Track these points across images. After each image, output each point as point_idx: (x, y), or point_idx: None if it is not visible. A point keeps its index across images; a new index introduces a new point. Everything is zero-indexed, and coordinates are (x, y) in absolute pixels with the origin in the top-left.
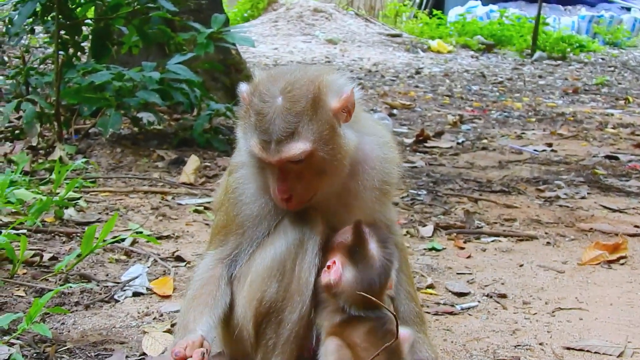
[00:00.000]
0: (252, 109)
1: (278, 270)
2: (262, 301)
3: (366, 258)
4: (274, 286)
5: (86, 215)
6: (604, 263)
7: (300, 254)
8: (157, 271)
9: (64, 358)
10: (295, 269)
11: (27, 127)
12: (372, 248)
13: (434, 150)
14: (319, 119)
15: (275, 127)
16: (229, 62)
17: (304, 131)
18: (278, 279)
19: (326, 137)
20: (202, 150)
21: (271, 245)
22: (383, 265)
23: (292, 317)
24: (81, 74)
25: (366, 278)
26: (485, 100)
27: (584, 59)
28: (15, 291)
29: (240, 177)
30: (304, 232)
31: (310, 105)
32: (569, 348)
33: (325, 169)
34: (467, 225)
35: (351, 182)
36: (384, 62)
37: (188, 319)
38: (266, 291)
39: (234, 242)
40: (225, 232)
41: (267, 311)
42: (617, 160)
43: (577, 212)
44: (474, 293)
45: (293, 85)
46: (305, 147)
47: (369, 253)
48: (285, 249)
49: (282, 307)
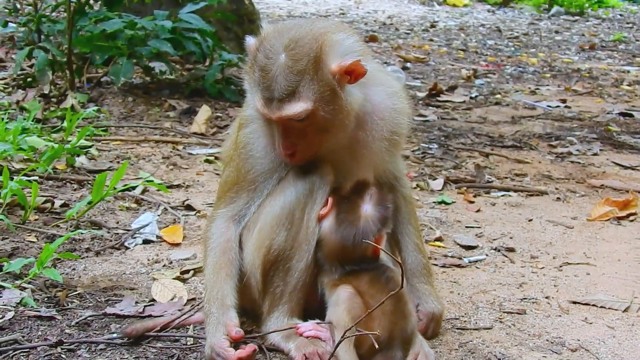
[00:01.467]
0: (257, 65)
1: (287, 219)
2: (271, 249)
3: (354, 216)
4: (282, 234)
5: (97, 163)
6: (613, 219)
7: (310, 203)
8: (167, 219)
9: (75, 303)
10: (304, 218)
11: (39, 74)
12: (364, 209)
13: (446, 105)
14: (320, 79)
15: (277, 85)
16: (241, 12)
17: (305, 90)
18: (287, 228)
19: (327, 98)
20: (214, 100)
21: (281, 195)
22: (366, 229)
23: (299, 265)
24: (93, 22)
25: (343, 233)
26: (500, 55)
27: (602, 14)
28: (27, 237)
29: (250, 132)
30: (313, 182)
31: (311, 64)
32: (575, 302)
33: (327, 127)
34: (478, 180)
35: (360, 132)
36: (398, 15)
37: (223, 293)
38: (275, 239)
39: (245, 198)
40: (236, 189)
41: (275, 259)
42: (631, 117)
43: (589, 169)
44: (482, 246)
45: (297, 43)
46: (305, 107)
47: (358, 212)
48: (295, 198)
49: (290, 255)
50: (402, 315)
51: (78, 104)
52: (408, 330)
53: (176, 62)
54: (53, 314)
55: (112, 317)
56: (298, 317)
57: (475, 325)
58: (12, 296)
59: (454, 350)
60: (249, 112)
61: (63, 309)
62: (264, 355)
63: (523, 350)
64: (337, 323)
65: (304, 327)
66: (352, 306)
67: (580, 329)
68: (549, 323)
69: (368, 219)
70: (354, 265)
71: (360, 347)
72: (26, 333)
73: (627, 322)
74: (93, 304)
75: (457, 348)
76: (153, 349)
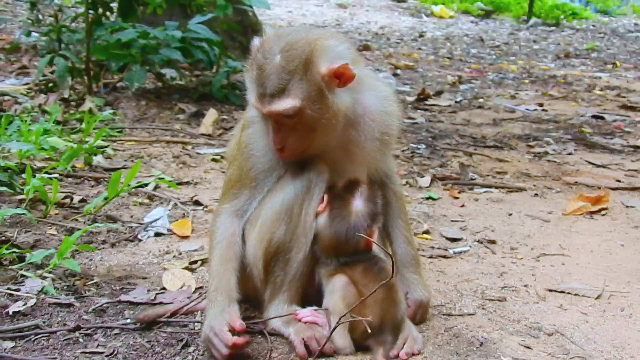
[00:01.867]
0: (255, 63)
1: (286, 214)
2: (271, 242)
3: (345, 212)
4: (282, 228)
5: (113, 162)
6: (586, 214)
7: (307, 199)
8: (177, 214)
9: (91, 291)
10: (302, 213)
11: (59, 80)
12: (355, 205)
13: (433, 108)
14: (309, 80)
15: (269, 82)
16: (246, 23)
17: (294, 89)
18: (286, 222)
19: (314, 98)
20: (220, 104)
21: (280, 191)
22: (357, 224)
23: (298, 256)
24: (109, 31)
25: (336, 228)
26: (482, 63)
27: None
28: (48, 230)
29: (252, 133)
30: (310, 180)
31: (302, 66)
32: (551, 290)
33: (315, 126)
34: (462, 177)
35: (353, 133)
36: (389, 26)
37: (230, 285)
38: (275, 233)
39: (247, 194)
40: (239, 186)
41: (275, 251)
42: (603, 119)
43: (564, 167)
44: (466, 239)
45: (292, 46)
46: (294, 104)
47: (350, 208)
48: (294, 194)
49: (289, 247)
50: (393, 303)
51: (95, 107)
52: (398, 317)
53: (185, 69)
54: (72, 301)
55: (126, 304)
56: (297, 304)
57: (459, 312)
58: (34, 285)
59: (439, 334)
60: (251, 114)
61: (81, 296)
62: (266, 339)
63: (503, 335)
64: (333, 310)
65: (303, 313)
66: (346, 294)
67: (556, 315)
68: (528, 309)
69: (359, 214)
70: (348, 257)
71: (353, 332)
72: (47, 319)
73: (599, 309)
74: (108, 292)
75: (442, 332)
76: (163, 334)
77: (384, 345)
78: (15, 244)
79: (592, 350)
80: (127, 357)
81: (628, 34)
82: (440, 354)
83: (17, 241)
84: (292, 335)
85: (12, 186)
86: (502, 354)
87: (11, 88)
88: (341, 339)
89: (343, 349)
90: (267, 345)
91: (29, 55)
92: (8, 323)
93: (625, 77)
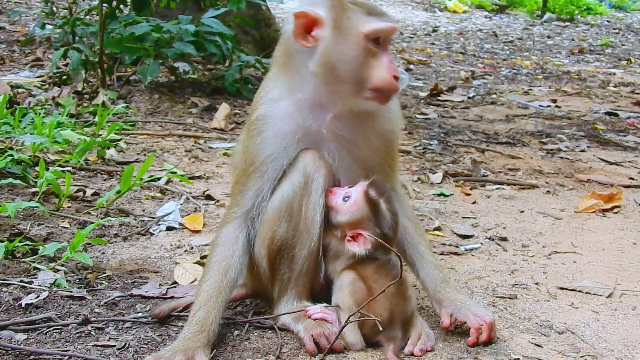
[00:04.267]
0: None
1: (286, 212)
2: (274, 240)
3: (380, 217)
4: (283, 226)
5: (125, 156)
6: (598, 211)
7: (306, 195)
8: (188, 208)
9: (103, 284)
10: (302, 209)
11: (73, 73)
12: (382, 207)
13: (446, 104)
14: None
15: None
16: (259, 17)
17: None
18: (287, 219)
19: None
20: (233, 98)
21: (279, 189)
22: (392, 219)
23: (302, 253)
24: (123, 25)
25: (381, 232)
26: (496, 58)
27: (590, 21)
28: (61, 223)
29: (265, 115)
30: (307, 175)
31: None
32: (562, 288)
33: None
34: (474, 174)
35: (357, 129)
36: (403, 20)
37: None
38: (277, 231)
39: (254, 191)
40: (244, 180)
41: (279, 249)
42: (616, 116)
43: (577, 164)
44: (477, 236)
45: None
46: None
47: (382, 213)
48: (292, 191)
49: (292, 244)
50: (403, 298)
51: (108, 100)
52: (408, 312)
53: (198, 63)
54: (84, 294)
55: (138, 298)
56: (306, 300)
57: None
58: (46, 277)
59: (450, 331)
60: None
61: (93, 289)
62: (276, 334)
63: (514, 332)
64: (342, 306)
65: (313, 310)
66: (354, 290)
67: (567, 313)
68: (538, 307)
69: (389, 212)
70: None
71: (363, 327)
72: (59, 311)
73: (610, 307)
74: (120, 286)
75: (453, 330)
76: (174, 327)
77: (395, 341)
78: (29, 237)
79: (603, 349)
80: (138, 350)
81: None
82: (450, 351)
83: (30, 234)
84: (301, 331)
85: (26, 179)
86: (512, 352)
87: (25, 80)
88: (352, 334)
89: (354, 345)
90: (278, 340)
91: (43, 48)
92: (21, 315)
93: (639, 74)
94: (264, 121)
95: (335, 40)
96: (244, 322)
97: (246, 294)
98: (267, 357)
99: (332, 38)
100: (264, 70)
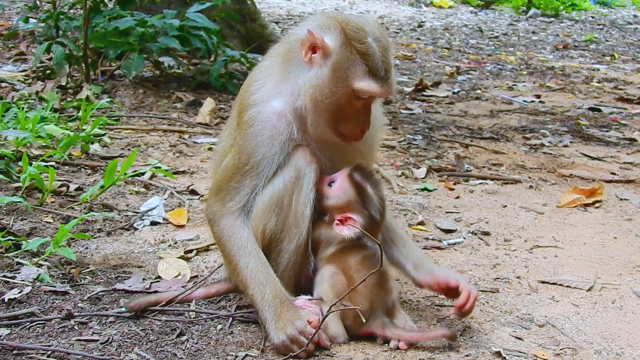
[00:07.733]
0: (366, 50)
1: (277, 206)
2: (264, 233)
3: (367, 201)
4: (273, 220)
5: (110, 150)
6: (580, 206)
7: (296, 190)
8: (173, 203)
9: (87, 279)
10: (292, 204)
11: (57, 67)
12: (369, 191)
13: (431, 99)
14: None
15: (386, 65)
16: (244, 12)
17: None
18: (277, 213)
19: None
20: (218, 93)
21: (270, 183)
22: (380, 203)
23: (290, 247)
24: (107, 19)
25: (370, 217)
26: (481, 54)
27: (575, 16)
28: (44, 218)
29: (258, 114)
30: (299, 170)
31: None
32: (543, 282)
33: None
34: (458, 169)
35: None
36: (389, 15)
37: (285, 291)
38: (267, 224)
39: (248, 186)
40: (239, 178)
41: (268, 242)
42: (599, 112)
43: (559, 159)
44: (460, 230)
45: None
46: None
47: (369, 196)
48: (283, 186)
49: (281, 238)
50: (383, 289)
51: (92, 95)
52: (389, 303)
53: (183, 57)
54: (67, 289)
55: (121, 293)
56: (291, 293)
57: (452, 302)
58: (29, 272)
59: (432, 325)
60: (257, 95)
61: (76, 284)
62: (260, 328)
63: (495, 326)
64: (324, 299)
65: (296, 302)
66: (334, 283)
67: (548, 307)
68: (520, 301)
69: (376, 197)
70: None
71: (346, 319)
72: (42, 306)
73: (590, 301)
74: (104, 280)
75: (435, 323)
76: (158, 322)
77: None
78: (11, 232)
79: (583, 341)
80: (121, 345)
81: (627, 25)
82: (432, 343)
83: (13, 229)
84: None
85: (9, 174)
86: (493, 345)
87: (8, 75)
88: (334, 326)
89: (337, 337)
90: (261, 334)
91: (26, 42)
92: (3, 310)
93: (623, 70)
94: (259, 121)
95: (328, 76)
96: (227, 316)
97: (229, 288)
98: (250, 350)
99: (327, 74)
100: (249, 65)
